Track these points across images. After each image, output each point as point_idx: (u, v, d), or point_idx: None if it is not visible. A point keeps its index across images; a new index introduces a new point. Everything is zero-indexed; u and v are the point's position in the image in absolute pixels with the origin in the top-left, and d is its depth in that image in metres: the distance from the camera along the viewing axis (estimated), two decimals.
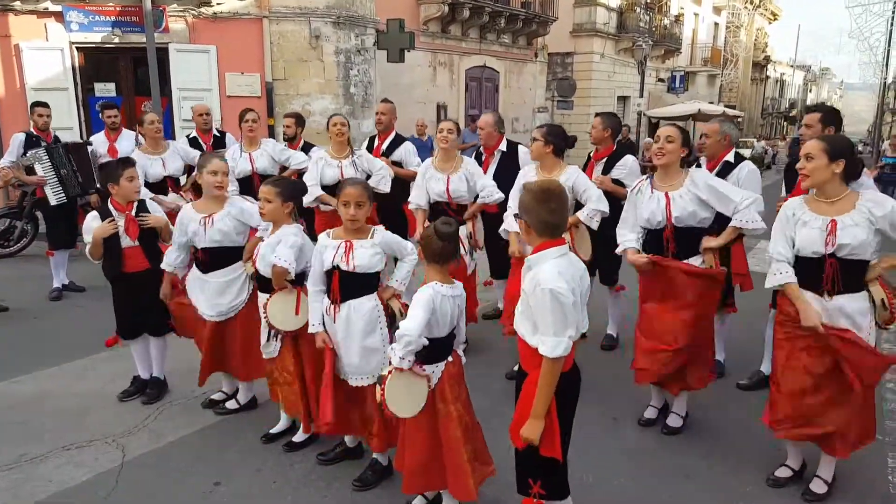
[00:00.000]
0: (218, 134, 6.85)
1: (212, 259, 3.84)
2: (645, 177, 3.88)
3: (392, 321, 3.25)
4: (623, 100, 24.51)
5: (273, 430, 3.84)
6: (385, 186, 5.24)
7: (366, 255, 3.14)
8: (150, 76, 8.97)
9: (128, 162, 4.09)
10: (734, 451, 3.68)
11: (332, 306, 3.19)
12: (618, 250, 3.87)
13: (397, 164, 5.67)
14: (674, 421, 3.95)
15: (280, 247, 3.39)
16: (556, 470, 2.53)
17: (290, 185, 3.61)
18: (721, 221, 3.67)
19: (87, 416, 4.08)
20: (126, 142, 6.74)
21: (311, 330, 3.30)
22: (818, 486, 3.24)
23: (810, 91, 61.57)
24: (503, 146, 5.22)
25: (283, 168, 6.03)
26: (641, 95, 23.17)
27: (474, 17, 15.09)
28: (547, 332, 2.32)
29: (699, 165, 4.44)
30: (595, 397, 3.77)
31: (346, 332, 3.18)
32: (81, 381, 4.61)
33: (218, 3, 10.54)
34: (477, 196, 4.85)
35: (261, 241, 3.65)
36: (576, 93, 19.51)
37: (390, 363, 2.70)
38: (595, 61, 22.08)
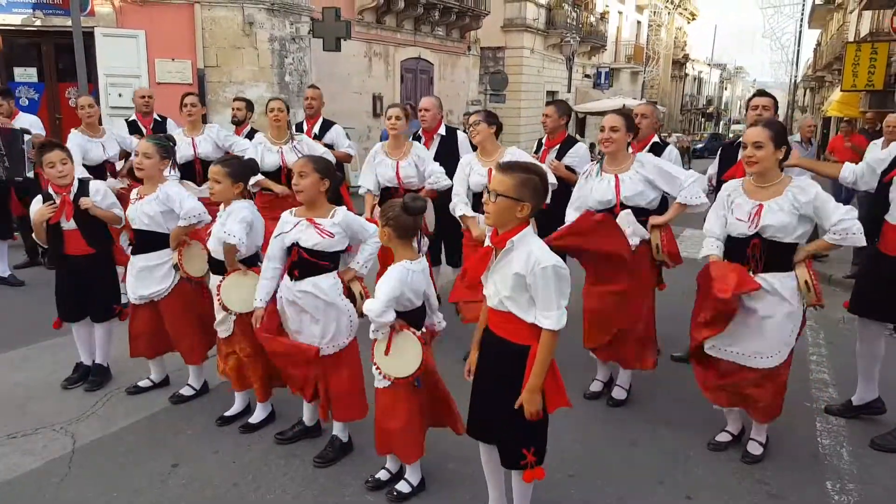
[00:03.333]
0: (159, 118, 6.64)
1: (138, 241, 3.86)
2: (594, 161, 4.06)
3: (353, 302, 3.29)
4: (552, 94, 25.05)
5: (228, 413, 3.81)
6: None
7: (325, 234, 3.15)
8: (76, 61, 8.58)
9: (47, 147, 3.94)
10: (676, 420, 3.91)
11: (292, 282, 3.21)
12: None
13: (328, 146, 5.72)
14: (618, 393, 4.16)
15: (229, 221, 3.37)
16: (545, 432, 2.64)
17: (240, 165, 3.58)
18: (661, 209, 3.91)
19: (31, 405, 3.95)
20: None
21: (254, 304, 3.31)
22: (754, 448, 3.50)
23: (725, 89, 64.62)
24: (442, 130, 5.33)
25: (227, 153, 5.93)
26: (569, 90, 23.78)
27: (409, 8, 15.11)
28: (550, 307, 2.41)
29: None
30: None
31: (305, 308, 3.21)
32: (20, 370, 4.45)
33: None
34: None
35: (184, 231, 3.70)
36: (507, 87, 19.84)
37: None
38: (525, 56, 22.49)
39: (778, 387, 3.33)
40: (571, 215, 3.98)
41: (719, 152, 4.67)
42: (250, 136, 6.16)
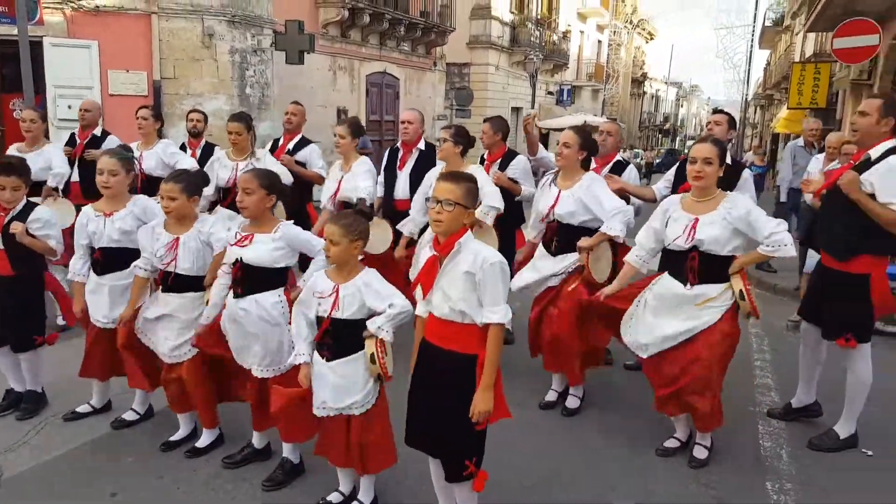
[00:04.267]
0: (98, 134, 6.25)
1: (107, 259, 3.67)
2: (550, 173, 4.19)
3: None
4: (516, 110, 25.38)
5: (174, 438, 3.66)
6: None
7: (265, 249, 3.13)
8: (23, 72, 8.36)
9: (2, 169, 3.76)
10: (628, 427, 4.01)
11: (234, 299, 3.18)
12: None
13: (301, 164, 5.71)
14: (572, 402, 4.25)
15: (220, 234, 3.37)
16: (484, 441, 2.69)
17: (194, 178, 3.51)
18: None
19: None
20: None
21: (202, 320, 3.28)
22: (700, 453, 3.62)
23: (682, 106, 66.20)
24: (421, 145, 5.40)
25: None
26: (533, 107, 24.13)
27: (374, 23, 15.20)
28: (498, 302, 2.52)
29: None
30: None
31: (247, 325, 3.17)
32: None
33: None
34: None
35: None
36: (473, 103, 20.07)
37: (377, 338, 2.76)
38: (490, 73, 22.78)
39: (715, 398, 3.44)
40: (530, 233, 4.16)
41: (676, 167, 4.81)
42: (206, 149, 6.12)
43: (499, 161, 5.18)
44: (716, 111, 4.73)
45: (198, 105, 10.62)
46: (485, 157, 5.33)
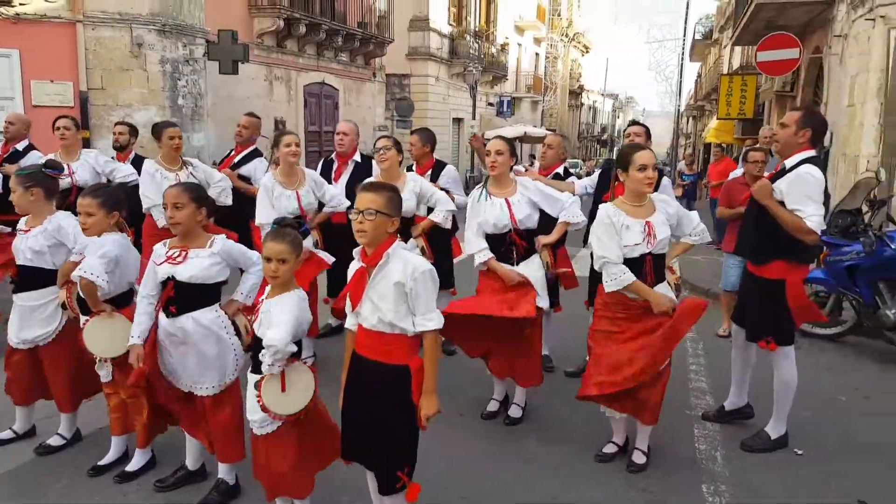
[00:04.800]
0: (19, 149, 5.90)
1: (21, 278, 3.52)
2: (479, 185, 4.19)
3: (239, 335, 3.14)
4: (458, 121, 25.57)
5: (103, 462, 3.49)
6: (226, 199, 5.09)
7: (202, 264, 3.01)
8: None
9: None
10: (569, 435, 4.02)
11: (168, 319, 3.04)
12: (478, 260, 4.01)
13: (246, 178, 5.56)
14: (514, 412, 4.24)
15: (88, 256, 3.15)
16: (416, 449, 2.69)
17: (113, 193, 3.36)
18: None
19: None
20: None
21: (129, 342, 3.09)
22: (638, 457, 3.65)
23: (618, 117, 67.95)
24: (357, 157, 5.32)
25: (109, 181, 5.62)
26: (474, 118, 24.37)
27: (311, 33, 15.04)
28: (430, 308, 2.56)
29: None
30: (441, 397, 3.94)
31: (184, 345, 3.05)
32: None
33: (21, 4, 9.58)
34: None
35: (74, 265, 3.31)
36: (414, 113, 20.08)
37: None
38: (430, 84, 22.85)
39: (663, 386, 3.53)
40: (478, 245, 3.99)
41: (600, 173, 4.91)
42: (135, 162, 5.90)
43: (429, 172, 5.17)
44: (633, 123, 4.91)
45: (127, 116, 10.31)
46: (413, 168, 5.30)
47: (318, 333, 5.12)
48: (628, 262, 3.38)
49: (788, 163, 3.63)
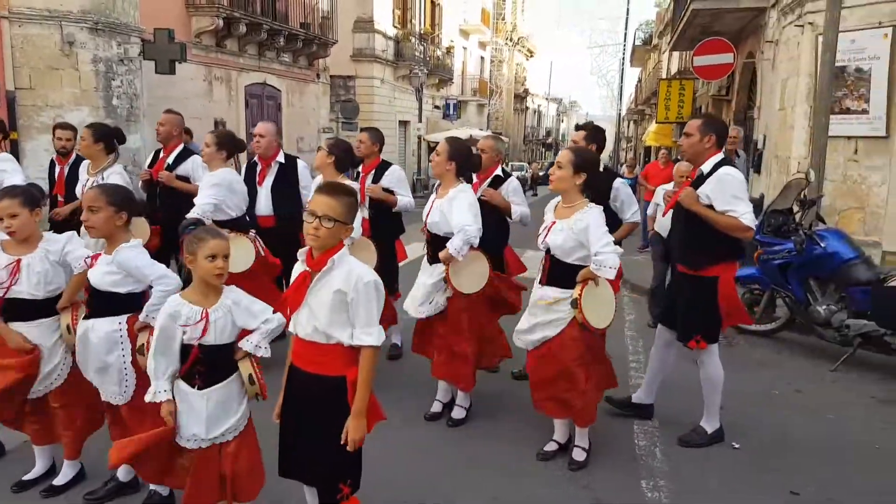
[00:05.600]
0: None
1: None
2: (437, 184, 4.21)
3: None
4: (404, 124, 25.50)
5: (27, 477, 3.32)
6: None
7: (100, 271, 2.91)
8: None
9: None
10: (513, 435, 4.01)
11: (83, 320, 2.99)
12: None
13: (184, 178, 5.35)
14: (457, 413, 4.22)
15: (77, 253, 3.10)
16: (360, 460, 2.59)
17: (28, 192, 3.17)
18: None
19: None
20: None
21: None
22: (578, 455, 3.68)
23: (562, 121, 69.12)
24: (281, 157, 5.20)
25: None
26: (420, 121, 24.34)
27: (252, 33, 14.75)
28: (372, 323, 2.42)
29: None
30: (385, 401, 3.89)
31: (84, 350, 2.97)
32: None
33: None
34: None
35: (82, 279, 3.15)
36: (359, 115, 19.93)
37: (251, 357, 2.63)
38: (376, 86, 22.73)
39: (585, 394, 3.52)
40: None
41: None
42: (76, 164, 5.58)
43: (373, 172, 5.12)
44: (576, 128, 4.96)
45: (59, 117, 9.89)
46: (359, 168, 5.25)
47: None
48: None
49: (704, 168, 3.74)
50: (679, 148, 8.53)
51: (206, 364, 2.61)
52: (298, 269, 2.55)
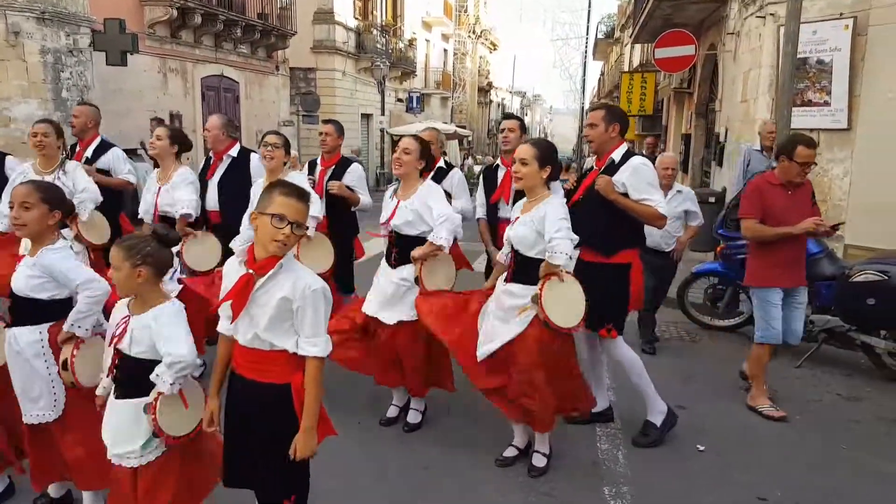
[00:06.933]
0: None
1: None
2: (394, 183, 4.05)
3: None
4: (366, 117, 25.15)
5: None
6: (83, 213, 4.41)
7: (21, 274, 2.70)
8: None
9: None
10: (470, 440, 3.88)
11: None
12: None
13: (105, 171, 5.11)
14: (413, 417, 4.08)
15: None
16: (308, 474, 2.46)
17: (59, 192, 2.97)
18: None
19: None
20: None
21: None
22: (538, 461, 3.55)
23: (526, 114, 69.24)
24: (234, 152, 4.97)
25: None
26: (383, 114, 24.03)
27: (207, 24, 14.33)
28: (319, 333, 2.28)
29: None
30: (340, 404, 3.75)
31: (10, 362, 2.77)
32: None
33: None
34: None
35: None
36: (321, 108, 19.55)
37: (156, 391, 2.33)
38: (337, 79, 22.34)
39: (544, 400, 3.37)
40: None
41: (482, 177, 4.78)
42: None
43: (332, 168, 4.92)
44: (506, 117, 4.82)
45: (5, 110, 9.53)
46: (318, 161, 5.06)
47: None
48: None
49: (615, 156, 3.74)
50: (642, 140, 8.52)
51: (122, 373, 2.43)
52: (235, 269, 2.37)
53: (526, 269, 3.35)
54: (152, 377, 2.33)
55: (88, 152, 5.19)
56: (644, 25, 13.24)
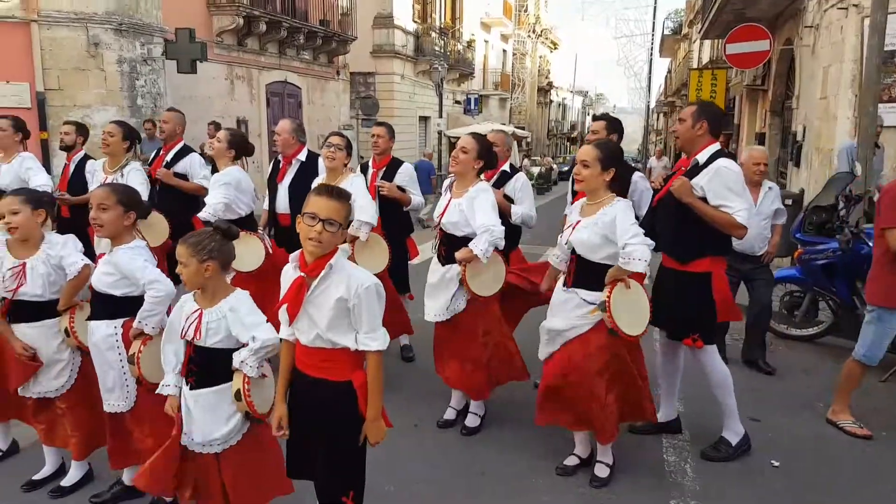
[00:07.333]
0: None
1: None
2: (450, 178, 4.03)
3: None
4: (424, 120, 25.31)
5: (38, 476, 3.34)
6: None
7: (99, 270, 2.88)
8: None
9: None
10: (528, 446, 3.80)
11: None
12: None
13: (182, 176, 5.30)
14: (471, 421, 4.04)
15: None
16: (364, 472, 2.51)
17: (34, 193, 3.21)
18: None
19: None
20: None
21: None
22: (601, 471, 3.44)
23: (588, 115, 68.20)
24: (302, 156, 5.06)
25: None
26: (441, 116, 24.10)
27: (272, 31, 14.70)
28: (375, 328, 2.34)
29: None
30: (397, 406, 3.75)
31: (92, 353, 2.98)
32: None
33: None
34: None
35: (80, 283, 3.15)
36: (380, 112, 19.78)
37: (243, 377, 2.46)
38: (396, 82, 22.56)
39: (605, 408, 3.27)
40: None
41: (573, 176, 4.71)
42: (82, 162, 5.58)
43: (384, 169, 4.96)
44: (595, 118, 4.69)
45: (86, 117, 10.02)
46: (370, 164, 5.10)
47: None
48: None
49: (700, 158, 3.53)
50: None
51: (198, 365, 2.54)
52: (290, 273, 2.42)
53: (588, 274, 3.25)
54: (236, 363, 2.46)
55: (169, 156, 5.41)
56: (714, 20, 12.80)
